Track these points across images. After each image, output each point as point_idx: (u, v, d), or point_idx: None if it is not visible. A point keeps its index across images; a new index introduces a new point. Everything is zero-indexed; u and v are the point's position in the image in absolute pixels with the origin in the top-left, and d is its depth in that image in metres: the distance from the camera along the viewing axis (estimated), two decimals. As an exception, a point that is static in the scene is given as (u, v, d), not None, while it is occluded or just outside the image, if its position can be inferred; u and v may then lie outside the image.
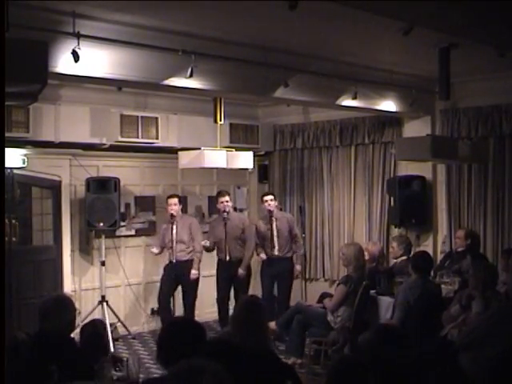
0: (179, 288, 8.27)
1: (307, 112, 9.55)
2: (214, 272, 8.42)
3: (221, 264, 8.32)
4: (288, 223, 8.45)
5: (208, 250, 8.32)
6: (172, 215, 8.06)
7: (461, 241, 7.48)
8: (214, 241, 8.29)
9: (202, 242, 8.17)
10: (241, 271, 8.23)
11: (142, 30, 5.53)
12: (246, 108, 9.65)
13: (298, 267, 8.53)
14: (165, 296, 8.20)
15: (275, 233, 8.28)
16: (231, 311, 7.03)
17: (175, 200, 8.14)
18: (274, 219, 8.31)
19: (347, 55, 6.72)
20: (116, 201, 7.96)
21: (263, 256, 8.34)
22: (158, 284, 8.35)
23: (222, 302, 8.25)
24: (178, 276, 8.12)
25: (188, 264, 8.10)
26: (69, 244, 8.08)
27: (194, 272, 8.09)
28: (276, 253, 8.28)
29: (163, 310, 8.21)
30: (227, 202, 8.23)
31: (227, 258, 8.16)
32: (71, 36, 5.04)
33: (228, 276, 8.24)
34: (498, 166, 7.86)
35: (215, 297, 8.37)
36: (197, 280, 8.19)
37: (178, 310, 8.33)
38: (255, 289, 8.77)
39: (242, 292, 8.05)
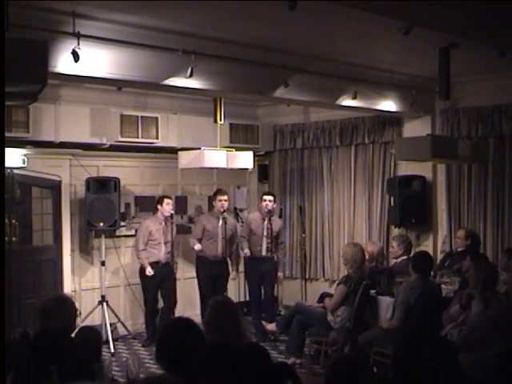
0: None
1: (307, 112, 9.54)
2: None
3: (206, 262, 8.25)
4: (278, 227, 8.49)
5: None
6: (172, 216, 8.10)
7: (461, 241, 7.48)
8: (206, 238, 8.24)
9: (195, 247, 8.15)
10: (233, 272, 8.40)
11: (142, 29, 5.53)
12: (246, 108, 9.64)
13: (280, 274, 8.66)
14: (153, 298, 8.24)
15: (265, 233, 8.29)
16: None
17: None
18: (269, 220, 8.32)
19: (347, 55, 6.72)
20: (116, 201, 7.96)
21: (247, 252, 8.28)
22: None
23: (208, 300, 8.21)
24: (163, 278, 8.13)
25: (170, 266, 8.13)
26: (69, 244, 8.07)
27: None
28: (263, 253, 8.30)
29: (151, 312, 8.25)
30: (226, 200, 8.24)
31: (217, 256, 8.18)
32: (71, 36, 5.04)
33: (214, 274, 8.23)
34: (498, 166, 7.86)
35: (197, 297, 8.36)
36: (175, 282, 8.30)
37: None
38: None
39: (222, 292, 8.08)
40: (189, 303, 8.69)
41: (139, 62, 5.72)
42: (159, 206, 8.17)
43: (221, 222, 8.19)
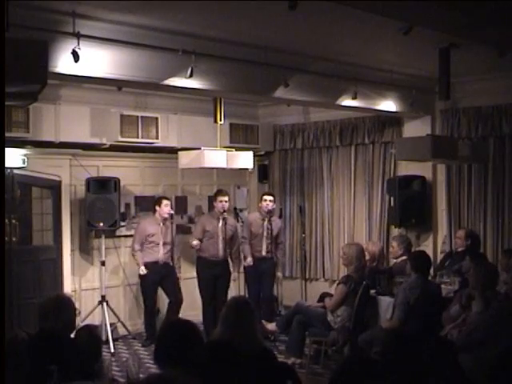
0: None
1: (307, 112, 9.54)
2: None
3: (206, 263, 8.23)
4: (278, 227, 8.50)
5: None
6: (172, 216, 8.09)
7: (461, 241, 7.48)
8: (206, 238, 8.23)
9: (194, 243, 8.14)
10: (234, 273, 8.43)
11: (142, 29, 5.54)
12: (246, 108, 9.65)
13: (279, 274, 8.74)
14: (152, 298, 8.25)
15: (265, 233, 8.30)
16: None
17: (170, 202, 8.24)
18: (269, 220, 8.32)
19: (347, 55, 6.72)
20: (116, 201, 7.96)
21: (250, 261, 8.25)
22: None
23: (209, 301, 8.21)
24: (162, 277, 8.14)
25: (170, 266, 8.15)
26: (69, 244, 8.07)
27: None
28: (264, 253, 8.31)
29: (150, 312, 8.25)
30: (226, 201, 8.21)
31: (218, 257, 8.16)
32: (71, 36, 5.05)
33: (214, 275, 8.21)
34: (498, 166, 7.86)
35: (199, 297, 8.33)
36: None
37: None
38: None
39: (222, 292, 8.11)
40: (189, 303, 8.66)
41: (139, 62, 5.72)
42: (157, 207, 8.17)
43: (221, 222, 8.15)
